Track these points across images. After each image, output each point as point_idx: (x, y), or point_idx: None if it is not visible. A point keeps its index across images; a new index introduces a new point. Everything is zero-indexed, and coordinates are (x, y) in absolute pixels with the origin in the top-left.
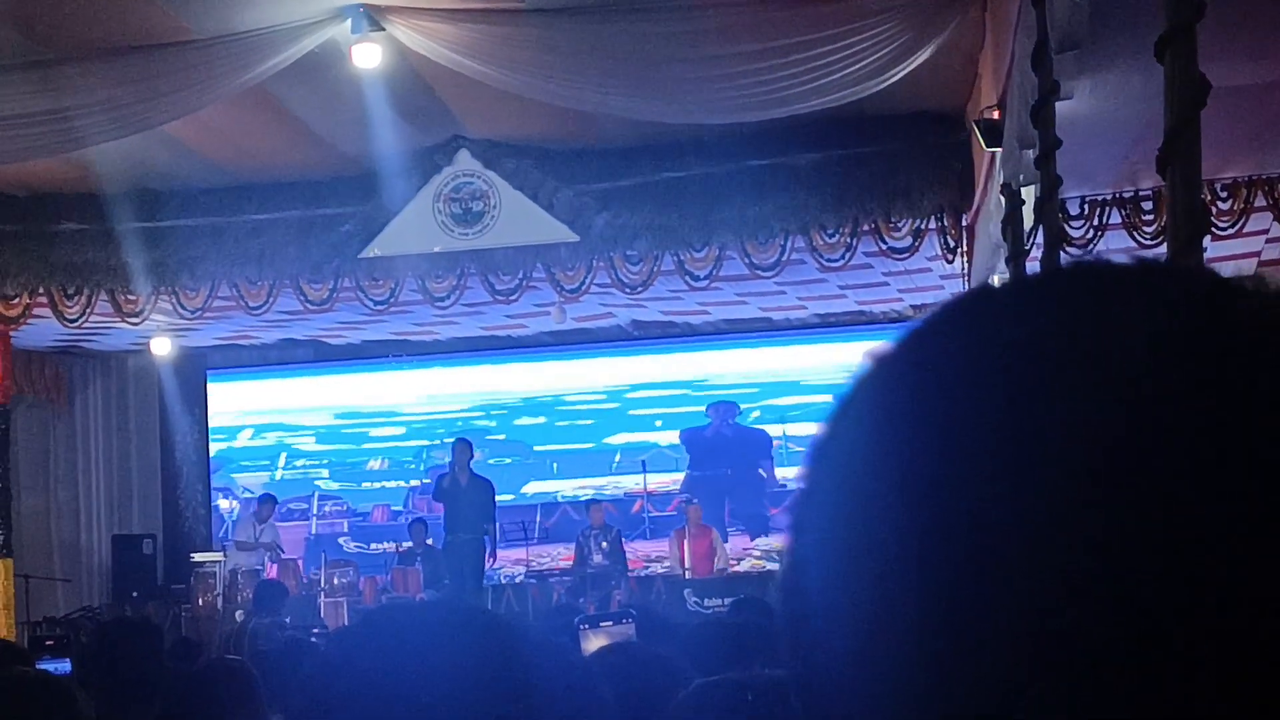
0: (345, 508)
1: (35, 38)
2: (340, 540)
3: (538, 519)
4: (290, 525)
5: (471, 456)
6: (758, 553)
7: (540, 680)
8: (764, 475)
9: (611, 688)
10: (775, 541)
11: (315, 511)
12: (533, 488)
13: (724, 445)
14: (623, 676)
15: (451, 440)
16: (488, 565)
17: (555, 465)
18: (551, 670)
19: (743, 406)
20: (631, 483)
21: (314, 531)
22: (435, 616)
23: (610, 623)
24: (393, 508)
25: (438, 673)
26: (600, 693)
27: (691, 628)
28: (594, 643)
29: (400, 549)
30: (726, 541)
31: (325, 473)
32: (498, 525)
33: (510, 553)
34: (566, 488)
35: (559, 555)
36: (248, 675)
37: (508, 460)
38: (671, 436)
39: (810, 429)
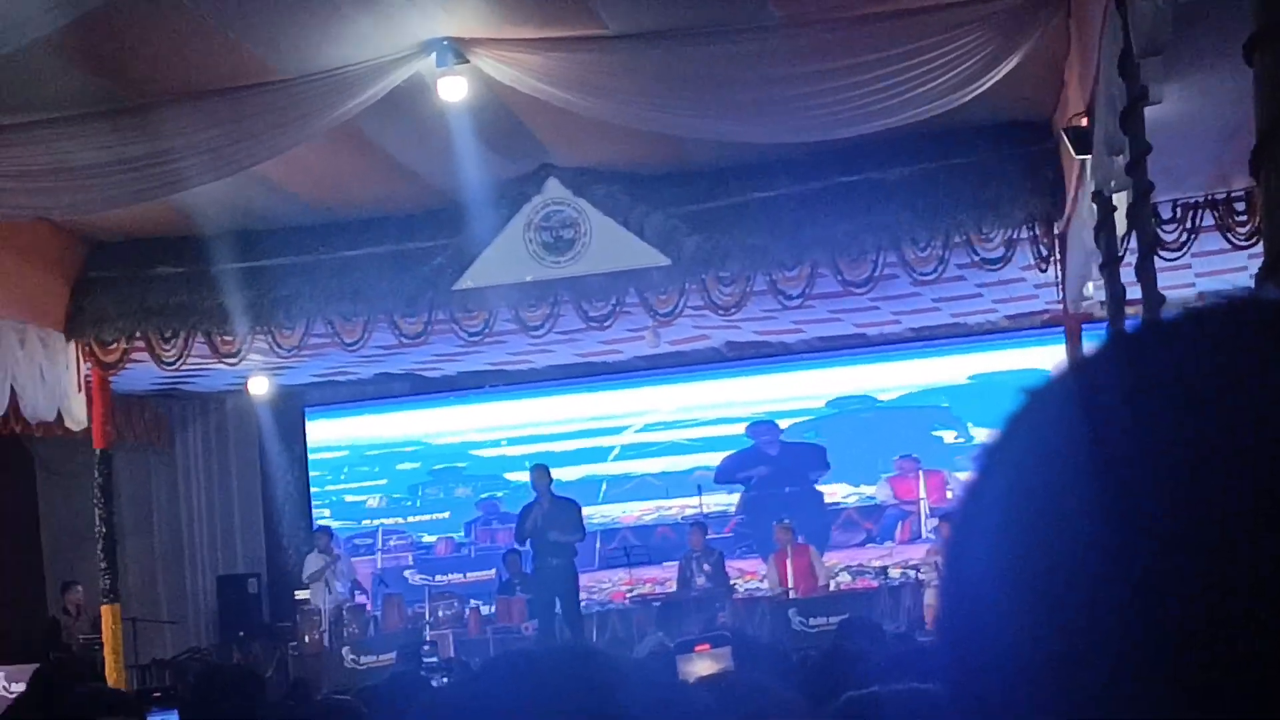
0: (409, 541)
1: (126, 85)
2: (405, 573)
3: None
4: (356, 560)
5: (550, 480)
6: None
7: None
8: (820, 491)
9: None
10: (872, 556)
11: (380, 545)
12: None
13: (769, 464)
14: (728, 711)
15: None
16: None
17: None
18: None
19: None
20: (680, 505)
21: (379, 566)
22: (545, 668)
23: (708, 645)
24: (456, 539)
25: None
26: None
27: (791, 649)
28: (692, 666)
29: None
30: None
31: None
32: (584, 537)
33: (611, 574)
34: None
35: (661, 578)
36: (356, 713)
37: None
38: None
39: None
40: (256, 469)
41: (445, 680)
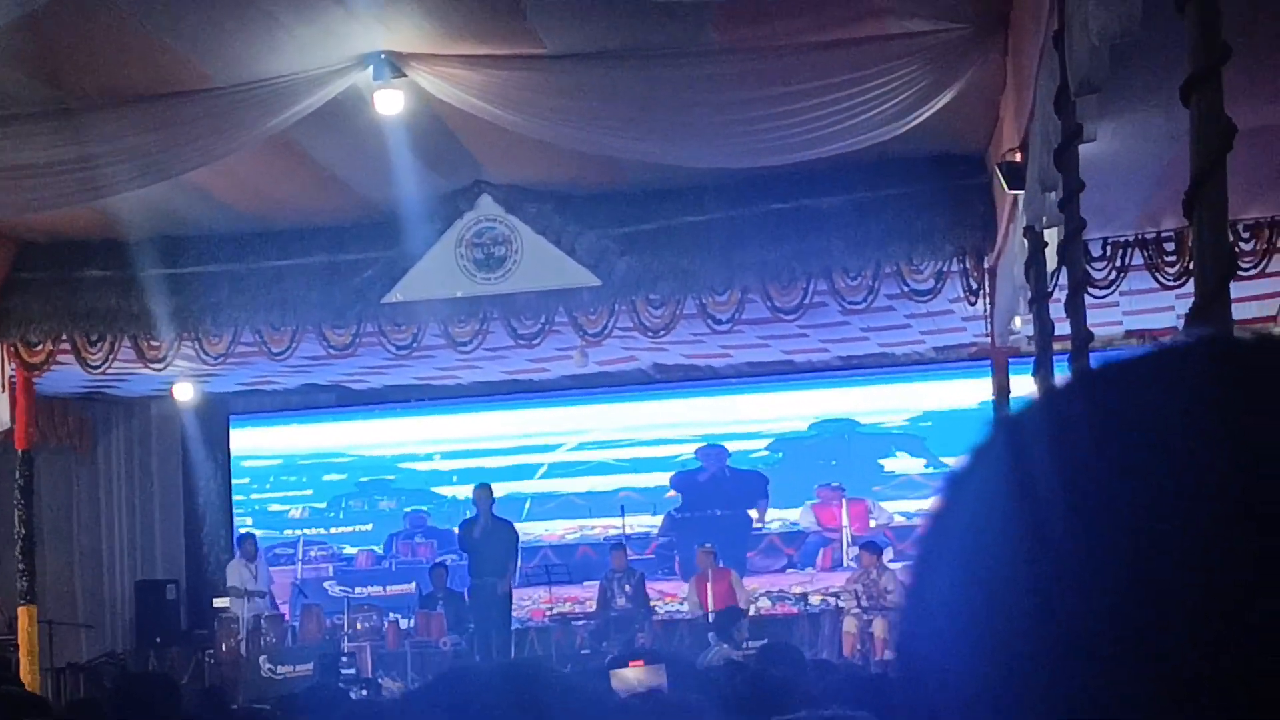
0: (330, 551)
1: (59, 88)
2: (325, 584)
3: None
4: (275, 570)
5: (492, 500)
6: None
7: None
8: (754, 516)
9: None
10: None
11: (301, 556)
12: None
13: (716, 488)
14: None
15: (475, 486)
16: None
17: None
18: None
19: (740, 447)
20: (603, 525)
21: (299, 576)
22: (494, 682)
23: (641, 661)
24: (377, 551)
25: None
26: None
27: (718, 672)
28: (625, 675)
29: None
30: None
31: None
32: (518, 566)
33: (531, 592)
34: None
35: (582, 597)
36: None
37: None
38: (648, 480)
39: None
40: (179, 475)
41: (364, 693)
